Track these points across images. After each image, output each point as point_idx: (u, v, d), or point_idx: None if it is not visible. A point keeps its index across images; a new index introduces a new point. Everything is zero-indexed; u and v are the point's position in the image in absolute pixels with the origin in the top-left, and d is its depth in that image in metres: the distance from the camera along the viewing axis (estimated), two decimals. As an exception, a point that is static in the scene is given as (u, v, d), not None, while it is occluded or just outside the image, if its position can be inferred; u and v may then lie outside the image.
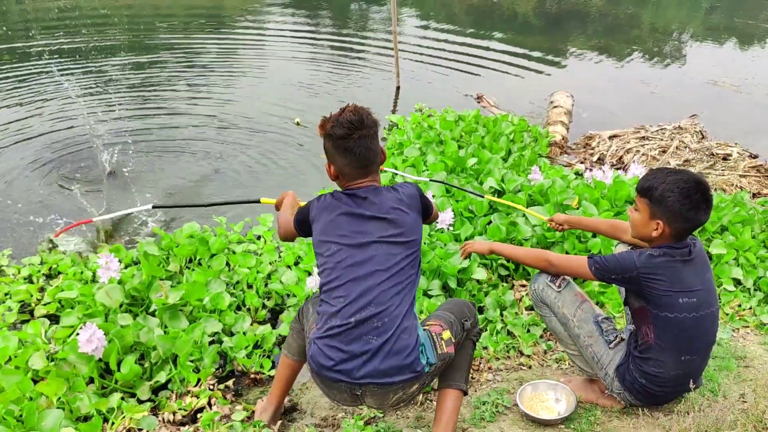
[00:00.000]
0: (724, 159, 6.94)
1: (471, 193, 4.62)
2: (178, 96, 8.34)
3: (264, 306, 3.96)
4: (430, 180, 4.82)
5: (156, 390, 3.18)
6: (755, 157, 7.15)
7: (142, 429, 2.80)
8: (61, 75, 8.71)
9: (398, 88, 8.77)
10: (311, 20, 13.85)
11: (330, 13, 14.99)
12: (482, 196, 4.52)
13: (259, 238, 4.70)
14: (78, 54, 10.02)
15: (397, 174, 5.15)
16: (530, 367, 3.41)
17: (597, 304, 4.01)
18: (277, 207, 3.15)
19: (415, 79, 9.27)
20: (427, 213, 2.67)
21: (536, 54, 11.34)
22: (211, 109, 7.80)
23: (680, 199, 2.54)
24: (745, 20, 15.88)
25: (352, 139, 2.41)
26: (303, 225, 2.65)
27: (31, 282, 4.07)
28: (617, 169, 6.58)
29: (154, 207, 3.79)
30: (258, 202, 3.65)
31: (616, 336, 2.86)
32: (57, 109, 7.54)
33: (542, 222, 4.34)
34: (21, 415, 2.78)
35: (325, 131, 2.47)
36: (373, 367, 2.31)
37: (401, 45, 9.25)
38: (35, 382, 3.02)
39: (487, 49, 11.37)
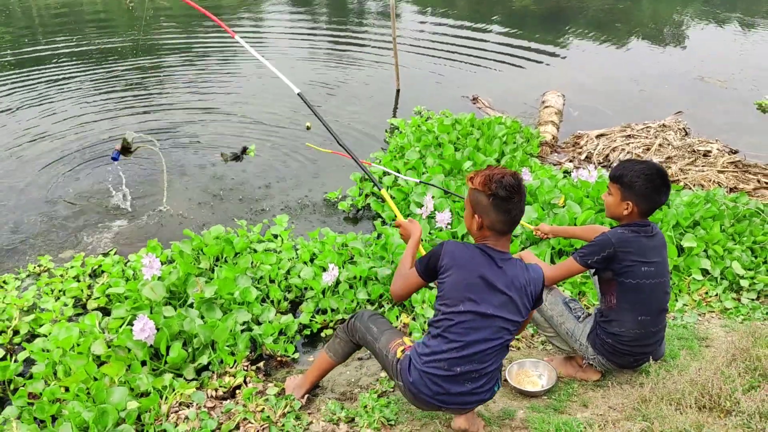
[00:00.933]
0: (705, 155, 7.45)
1: (460, 196, 5.14)
2: (181, 100, 8.85)
3: (285, 298, 4.49)
4: (428, 183, 5.33)
5: (199, 371, 3.72)
6: (735, 152, 7.67)
7: (192, 402, 3.34)
8: (63, 78, 9.25)
9: (398, 91, 9.27)
10: (310, 20, 14.36)
11: (329, 11, 15.47)
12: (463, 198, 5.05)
13: (276, 237, 5.23)
14: (81, 57, 10.55)
15: (398, 177, 5.67)
16: (518, 349, 3.95)
17: (579, 293, 4.56)
18: (402, 232, 3.31)
19: (414, 82, 9.72)
20: (538, 303, 2.89)
21: (530, 53, 11.83)
22: (216, 112, 8.35)
23: (645, 184, 3.18)
24: (737, 14, 16.33)
25: (512, 202, 2.64)
26: (430, 273, 2.83)
27: (78, 281, 4.61)
28: (604, 167, 7.11)
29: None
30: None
31: (583, 312, 3.48)
32: (74, 113, 8.07)
33: (529, 230, 4.86)
34: (89, 393, 3.34)
35: (488, 189, 2.63)
36: (462, 399, 2.80)
37: (399, 47, 9.72)
38: (98, 365, 3.56)
39: (483, 49, 11.85)
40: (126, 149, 5.53)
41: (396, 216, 3.55)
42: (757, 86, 10.48)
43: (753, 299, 4.58)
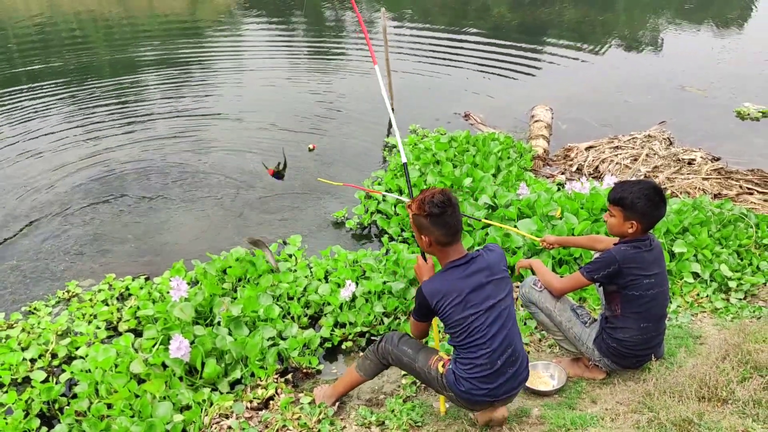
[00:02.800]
0: (689, 163, 7.80)
1: (470, 217, 5.43)
2: (173, 128, 9.05)
3: (305, 314, 4.76)
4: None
5: (232, 384, 3.98)
6: (718, 159, 8.03)
7: (232, 413, 3.61)
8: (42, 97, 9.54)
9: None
10: (292, 40, 14.66)
11: (312, 30, 15.81)
12: (480, 220, 5.32)
13: (291, 256, 5.50)
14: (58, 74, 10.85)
15: (400, 199, 5.97)
16: (528, 353, 4.24)
17: (580, 299, 4.86)
18: (416, 270, 3.51)
19: (405, 99, 9.99)
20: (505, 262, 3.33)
21: (514, 66, 12.15)
22: (214, 137, 8.61)
23: (646, 203, 3.48)
24: (711, 22, 16.82)
25: (447, 215, 3.01)
26: (430, 316, 3.25)
27: (107, 305, 4.86)
28: (594, 178, 7.45)
29: None
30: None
31: (589, 317, 3.79)
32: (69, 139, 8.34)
33: (536, 242, 5.14)
34: (132, 408, 3.60)
35: (423, 211, 3.03)
36: (510, 386, 3.17)
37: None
38: (137, 383, 3.81)
39: (468, 63, 12.18)
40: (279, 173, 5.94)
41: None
42: (735, 94, 10.86)
43: (741, 299, 4.89)
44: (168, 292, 4.63)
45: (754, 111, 9.93)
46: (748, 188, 7.11)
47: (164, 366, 3.96)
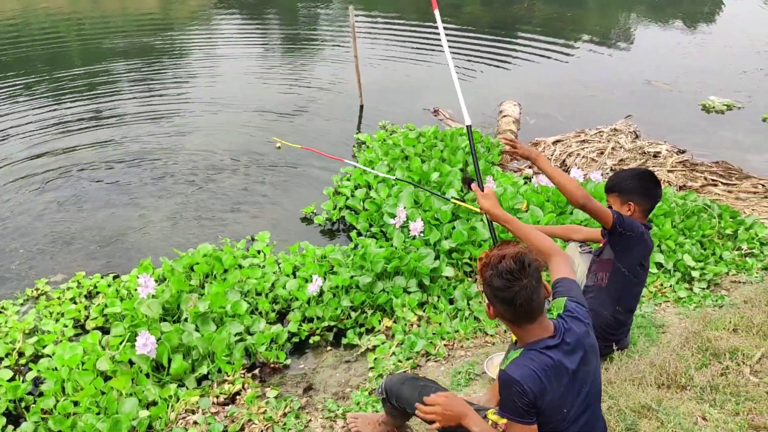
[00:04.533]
0: (655, 156, 7.92)
1: (439, 196, 5.48)
2: (146, 119, 9.05)
3: (273, 309, 4.77)
4: (401, 180, 5.70)
5: (199, 380, 3.98)
6: (683, 152, 8.16)
7: (198, 408, 3.61)
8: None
9: (362, 106, 9.60)
10: (265, 36, 14.64)
11: (285, 27, 15.78)
12: (449, 199, 5.34)
13: (259, 252, 5.50)
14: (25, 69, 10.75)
15: (376, 174, 6.02)
16: (494, 344, 4.29)
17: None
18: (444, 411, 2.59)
19: (375, 96, 10.01)
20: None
21: (484, 62, 12.26)
22: (183, 131, 8.58)
23: (638, 182, 3.53)
24: (679, 17, 17.05)
25: (512, 291, 2.27)
26: (535, 414, 2.35)
27: (75, 303, 4.83)
28: (562, 171, 7.52)
29: None
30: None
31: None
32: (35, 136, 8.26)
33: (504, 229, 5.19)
34: (98, 405, 3.58)
35: (484, 279, 2.36)
36: None
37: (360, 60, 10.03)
38: (104, 380, 3.80)
39: (438, 60, 12.25)
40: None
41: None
42: (701, 88, 11.03)
43: (704, 288, 4.98)
44: (135, 290, 4.62)
45: (719, 104, 10.10)
46: (713, 180, 7.23)
47: (131, 363, 3.96)
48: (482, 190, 3.09)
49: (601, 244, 3.76)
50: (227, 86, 10.74)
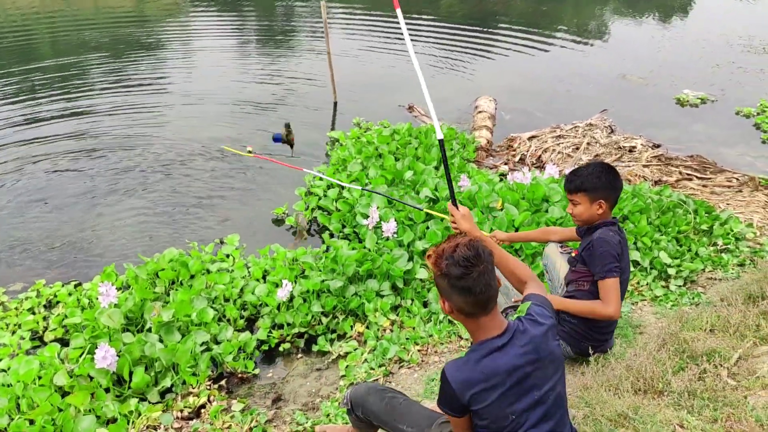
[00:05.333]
0: (630, 151, 7.86)
1: (411, 206, 5.32)
2: (114, 119, 8.79)
3: (242, 316, 4.62)
4: (373, 191, 5.50)
5: (162, 393, 3.83)
6: (658, 146, 8.11)
7: (160, 424, 3.46)
8: None
9: (335, 103, 9.45)
10: (240, 33, 14.40)
11: (258, 23, 15.56)
12: (422, 209, 5.22)
13: (228, 256, 5.35)
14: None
15: (344, 187, 5.86)
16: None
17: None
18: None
19: (349, 93, 9.87)
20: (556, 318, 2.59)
21: (459, 58, 12.18)
22: (149, 134, 8.35)
23: (606, 177, 3.42)
24: (653, 11, 17.07)
25: (471, 278, 2.22)
26: (464, 411, 2.34)
27: (34, 313, 4.65)
28: (537, 167, 7.44)
29: None
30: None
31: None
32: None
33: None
34: (55, 423, 3.42)
35: (439, 269, 2.27)
36: None
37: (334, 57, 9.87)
38: (61, 396, 3.63)
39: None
40: (288, 139, 5.75)
41: None
42: (675, 82, 11.03)
43: (680, 286, 4.90)
44: (97, 298, 4.44)
45: (693, 98, 10.07)
46: (688, 174, 7.18)
47: (91, 377, 3.79)
48: (457, 209, 2.97)
49: (578, 245, 3.68)
50: (199, 82, 10.55)
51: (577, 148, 7.78)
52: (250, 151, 7.78)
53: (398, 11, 3.00)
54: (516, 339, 2.31)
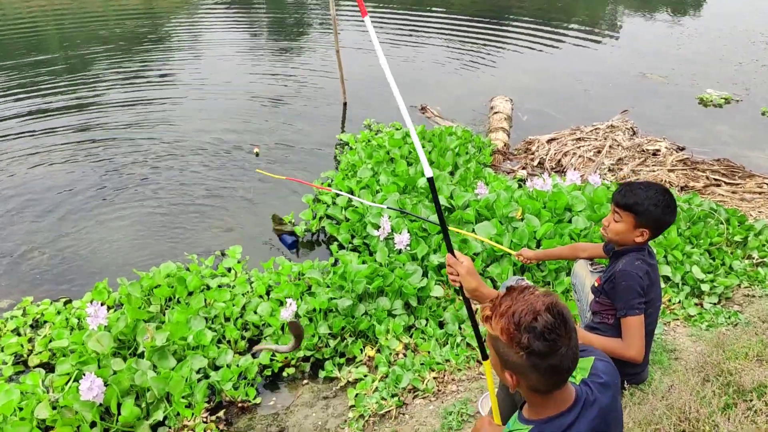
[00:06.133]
0: (654, 154, 7.48)
1: (426, 220, 4.99)
2: (115, 120, 8.44)
3: (243, 337, 4.29)
4: (389, 208, 5.12)
5: (154, 427, 3.50)
6: (682, 149, 7.73)
7: (149, 466, 3.13)
8: None
9: (345, 104, 9.10)
10: (248, 32, 14.06)
11: (267, 23, 15.23)
12: (437, 224, 4.87)
13: (229, 270, 5.02)
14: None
15: (352, 198, 5.52)
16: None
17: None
18: None
19: (359, 93, 9.53)
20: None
21: (473, 56, 11.81)
22: (155, 134, 8.02)
23: (663, 211, 3.00)
24: (668, 7, 16.63)
25: (559, 355, 1.75)
26: None
27: (19, 334, 4.33)
28: (556, 172, 7.07)
29: None
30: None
31: None
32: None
33: (510, 254, 4.68)
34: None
35: (514, 342, 1.77)
36: None
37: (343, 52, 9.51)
38: (43, 430, 3.32)
39: (425, 55, 11.78)
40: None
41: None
42: (697, 80, 10.64)
43: (714, 303, 4.54)
44: (86, 319, 4.11)
45: (716, 97, 9.68)
46: (715, 179, 6.81)
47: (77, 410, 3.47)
48: (456, 259, 2.48)
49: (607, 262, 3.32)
50: (205, 79, 10.23)
51: (599, 152, 7.41)
52: (256, 153, 7.50)
53: (366, 20, 2.37)
54: (585, 413, 1.89)
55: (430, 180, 2.34)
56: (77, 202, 6.30)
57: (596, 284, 3.33)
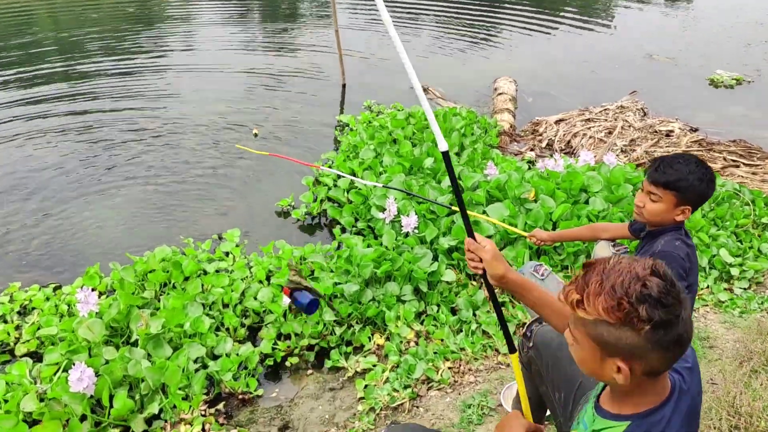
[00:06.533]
0: (667, 135, 7.22)
1: (436, 203, 4.71)
2: (104, 101, 8.10)
3: (242, 324, 4.02)
4: (395, 189, 4.85)
5: (149, 420, 3.24)
6: (696, 130, 7.47)
7: (143, 464, 2.87)
8: None
9: (344, 86, 8.81)
10: (244, 13, 13.74)
11: (263, 5, 14.89)
12: (450, 207, 4.59)
13: (227, 254, 4.75)
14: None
15: (355, 181, 5.25)
16: (508, 365, 3.57)
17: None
18: None
19: (359, 75, 9.24)
20: None
21: (475, 38, 11.53)
22: (143, 115, 7.71)
23: (707, 184, 2.74)
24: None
25: (680, 322, 1.47)
26: None
27: (6, 321, 4.05)
28: (566, 153, 6.81)
29: None
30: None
31: None
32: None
33: (522, 236, 4.44)
34: (19, 462, 2.84)
35: (636, 321, 1.45)
36: None
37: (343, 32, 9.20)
38: (30, 424, 3.05)
39: (425, 36, 11.49)
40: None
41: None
42: (706, 62, 10.37)
43: (745, 288, 4.30)
44: (76, 305, 3.83)
45: (727, 78, 9.41)
46: (733, 161, 6.54)
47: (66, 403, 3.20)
48: (474, 240, 2.09)
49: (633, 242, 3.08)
50: (201, 65, 9.85)
51: (610, 132, 7.13)
52: (255, 134, 7.21)
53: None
54: (680, 404, 1.59)
55: (445, 154, 1.96)
56: (66, 183, 6.01)
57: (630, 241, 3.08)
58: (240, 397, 3.50)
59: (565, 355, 2.20)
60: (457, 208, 4.54)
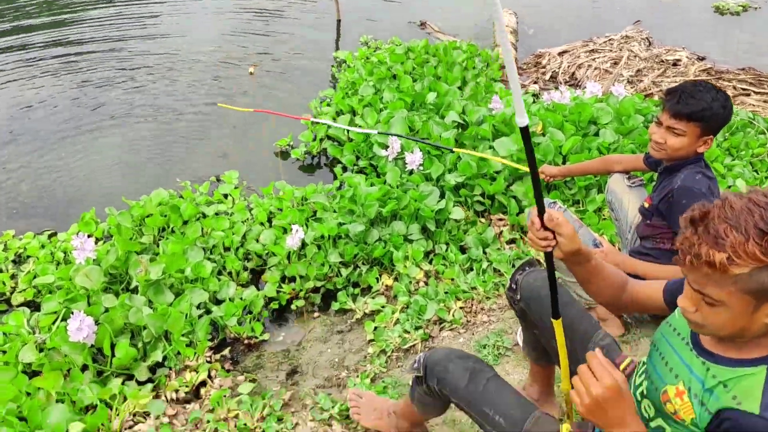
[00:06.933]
0: (674, 65, 7.01)
1: (440, 147, 4.52)
2: (93, 36, 7.88)
3: (245, 268, 3.90)
4: (390, 134, 4.66)
5: (153, 368, 3.14)
6: (703, 59, 7.26)
7: (149, 413, 2.77)
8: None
9: (339, 21, 8.51)
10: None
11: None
12: (452, 150, 4.41)
13: (226, 197, 4.60)
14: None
15: (350, 130, 5.06)
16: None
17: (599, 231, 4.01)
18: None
19: (354, 10, 8.92)
20: None
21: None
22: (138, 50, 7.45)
23: (729, 112, 2.63)
24: None
25: None
26: None
27: (0, 271, 3.92)
28: (571, 85, 6.60)
29: None
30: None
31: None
32: None
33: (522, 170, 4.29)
34: (21, 412, 2.74)
35: None
36: None
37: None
38: (30, 375, 2.95)
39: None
40: None
41: None
42: (710, -12, 10.04)
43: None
44: (72, 252, 3.70)
45: (733, 5, 9.12)
46: (743, 89, 6.36)
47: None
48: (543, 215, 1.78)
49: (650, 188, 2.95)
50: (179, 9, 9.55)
51: (616, 63, 6.91)
52: (251, 72, 6.96)
53: None
54: None
55: (524, 130, 1.58)
56: (57, 125, 5.78)
57: (646, 204, 2.94)
58: (246, 342, 3.40)
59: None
60: (457, 149, 4.35)
